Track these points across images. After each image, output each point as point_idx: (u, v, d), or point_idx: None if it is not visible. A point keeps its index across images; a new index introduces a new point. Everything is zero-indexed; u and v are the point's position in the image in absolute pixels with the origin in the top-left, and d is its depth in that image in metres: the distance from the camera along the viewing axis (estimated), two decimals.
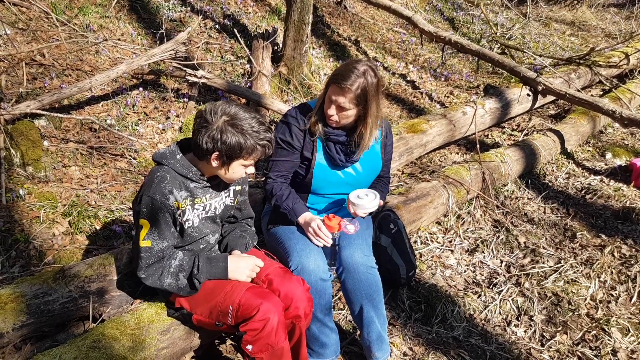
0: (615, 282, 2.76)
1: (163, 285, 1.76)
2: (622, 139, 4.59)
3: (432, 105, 4.90)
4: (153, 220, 1.71)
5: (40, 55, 3.63)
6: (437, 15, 6.92)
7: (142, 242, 1.72)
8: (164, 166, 1.75)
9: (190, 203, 1.79)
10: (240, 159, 1.70)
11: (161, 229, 1.73)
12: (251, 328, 1.68)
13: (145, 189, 1.72)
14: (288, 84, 4.31)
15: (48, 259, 2.40)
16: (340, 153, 2.12)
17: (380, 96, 2.04)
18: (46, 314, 1.90)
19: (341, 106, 1.97)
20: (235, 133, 1.65)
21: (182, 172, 1.75)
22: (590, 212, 3.44)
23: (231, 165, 1.72)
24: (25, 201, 2.64)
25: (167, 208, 1.71)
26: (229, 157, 1.69)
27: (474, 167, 3.35)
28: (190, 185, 1.78)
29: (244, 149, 1.67)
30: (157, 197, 1.69)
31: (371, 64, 1.99)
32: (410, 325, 2.40)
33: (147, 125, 3.54)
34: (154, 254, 1.73)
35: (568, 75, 4.86)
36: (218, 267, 1.80)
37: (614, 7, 9.23)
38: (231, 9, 5.08)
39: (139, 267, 1.74)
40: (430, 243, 2.96)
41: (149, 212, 1.70)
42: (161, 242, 1.74)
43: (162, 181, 1.71)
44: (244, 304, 1.70)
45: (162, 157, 1.76)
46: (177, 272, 1.76)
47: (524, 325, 2.47)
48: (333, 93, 1.97)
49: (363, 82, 1.93)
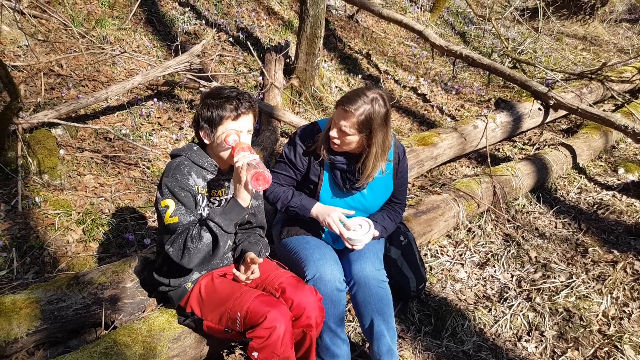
0: (627, 298, 2.72)
1: (188, 248, 1.72)
2: (635, 154, 4.56)
3: (442, 119, 4.91)
4: (177, 197, 1.75)
5: (59, 66, 3.72)
6: (448, 30, 6.97)
7: (169, 220, 1.74)
8: (181, 156, 1.83)
9: (207, 193, 1.85)
10: (220, 125, 1.76)
11: (186, 204, 1.76)
12: (258, 335, 1.69)
13: (164, 175, 1.78)
14: (300, 96, 4.36)
15: (62, 266, 2.43)
16: (346, 181, 2.08)
17: (389, 128, 1.97)
18: (59, 320, 1.93)
19: (343, 130, 1.91)
20: (207, 103, 1.77)
21: (198, 162, 1.82)
22: (603, 227, 3.41)
23: (216, 135, 1.78)
24: (40, 208, 2.69)
25: (188, 187, 1.77)
26: (210, 127, 1.77)
27: (485, 180, 3.34)
28: (207, 176, 1.84)
29: (216, 110, 1.75)
30: (177, 177, 1.76)
31: (383, 93, 1.94)
32: (420, 338, 2.39)
33: (161, 136, 3.59)
34: (182, 226, 1.75)
35: (580, 89, 4.85)
36: (229, 205, 1.77)
37: (626, 22, 9.21)
38: (244, 22, 5.16)
39: (167, 241, 1.76)
40: (440, 256, 2.95)
41: (171, 192, 1.75)
42: (188, 216, 1.77)
43: (180, 165, 1.79)
44: (252, 311, 1.71)
45: (179, 150, 1.86)
46: (198, 232, 1.73)
47: (535, 341, 2.44)
48: (337, 115, 1.94)
49: (369, 109, 1.88)
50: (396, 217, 2.28)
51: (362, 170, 2.00)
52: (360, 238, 2.02)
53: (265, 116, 3.76)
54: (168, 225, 1.75)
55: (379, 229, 2.15)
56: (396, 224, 2.29)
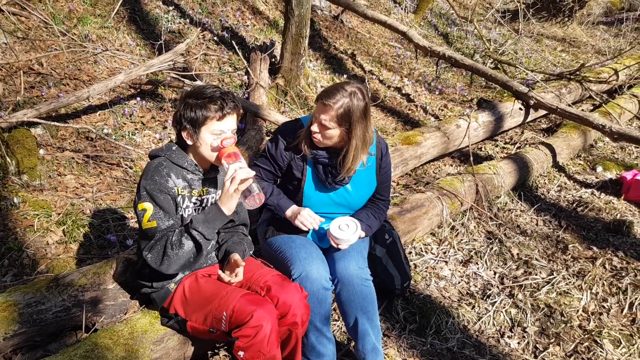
0: (606, 294, 2.78)
1: (167, 255, 1.70)
2: (613, 152, 4.66)
3: (426, 118, 4.95)
4: (155, 201, 1.72)
5: (39, 64, 3.64)
6: (431, 31, 7.03)
7: (147, 224, 1.71)
8: (160, 157, 1.80)
9: (187, 194, 1.81)
10: (203, 126, 1.73)
11: (165, 208, 1.73)
12: (244, 334, 1.68)
13: (142, 178, 1.75)
14: (285, 95, 4.35)
15: (41, 268, 2.39)
16: (328, 175, 2.09)
17: (369, 120, 1.99)
18: (38, 323, 1.89)
19: (323, 124, 1.94)
20: (190, 104, 1.72)
21: (178, 162, 1.79)
22: (582, 224, 3.48)
23: (200, 136, 1.74)
24: (19, 209, 2.63)
25: (167, 190, 1.74)
26: (193, 127, 1.73)
27: (468, 179, 3.38)
28: (187, 176, 1.81)
29: (200, 111, 1.70)
30: (156, 179, 1.72)
31: (362, 87, 1.97)
32: (405, 336, 2.41)
33: (144, 135, 3.55)
34: (160, 232, 1.73)
35: (559, 90, 4.94)
36: (211, 211, 1.75)
37: (603, 24, 9.41)
38: (229, 22, 5.13)
39: (145, 247, 1.73)
40: (424, 254, 2.98)
41: (149, 195, 1.72)
42: (167, 220, 1.74)
43: (159, 167, 1.75)
44: (238, 310, 1.70)
45: (158, 150, 1.83)
46: (179, 239, 1.72)
47: (517, 337, 2.48)
48: (317, 110, 1.96)
49: (348, 102, 1.91)
50: (380, 215, 2.29)
51: (343, 162, 2.02)
52: (347, 238, 2.03)
53: (250, 115, 3.75)
54: (146, 230, 1.73)
55: (364, 228, 2.17)
56: (381, 222, 2.31)
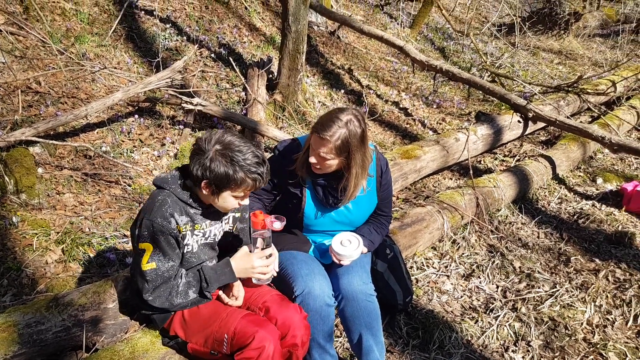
0: (610, 306, 2.76)
1: (173, 305, 1.76)
2: (612, 164, 4.67)
3: (425, 132, 4.97)
4: (156, 243, 1.70)
5: (37, 83, 3.66)
6: (428, 45, 7.10)
7: (146, 266, 1.71)
8: (165, 190, 1.75)
9: (190, 228, 1.78)
10: (229, 190, 1.68)
11: (165, 250, 1.72)
12: (246, 357, 1.65)
13: (145, 212, 1.71)
14: (283, 111, 4.37)
15: (40, 288, 2.36)
16: (328, 197, 2.08)
17: (367, 145, 1.98)
18: (38, 344, 1.86)
19: (322, 156, 1.92)
20: (225, 163, 1.63)
21: (182, 198, 1.75)
22: (584, 236, 3.46)
23: (221, 195, 1.69)
24: (18, 229, 2.61)
25: (169, 231, 1.70)
26: (217, 187, 1.66)
27: (468, 192, 3.37)
28: (190, 211, 1.77)
29: (232, 180, 1.64)
30: (158, 220, 1.68)
31: (357, 113, 1.94)
32: (408, 352, 2.38)
33: (143, 152, 3.55)
34: (161, 274, 1.72)
35: (557, 102, 4.96)
36: (225, 274, 1.79)
37: (599, 37, 9.52)
38: (227, 38, 5.17)
39: (145, 290, 1.73)
40: (426, 268, 2.96)
41: (150, 235, 1.70)
42: (167, 262, 1.73)
43: (163, 205, 1.70)
44: (239, 332, 1.68)
45: (164, 181, 1.76)
46: (186, 290, 1.76)
47: (521, 351, 2.45)
48: (314, 142, 1.93)
49: (345, 132, 1.87)
50: (382, 230, 2.27)
51: (345, 190, 2.01)
52: (349, 254, 2.01)
53: (248, 131, 3.76)
54: (144, 271, 1.71)
55: (367, 243, 2.15)
56: (383, 236, 2.29)
